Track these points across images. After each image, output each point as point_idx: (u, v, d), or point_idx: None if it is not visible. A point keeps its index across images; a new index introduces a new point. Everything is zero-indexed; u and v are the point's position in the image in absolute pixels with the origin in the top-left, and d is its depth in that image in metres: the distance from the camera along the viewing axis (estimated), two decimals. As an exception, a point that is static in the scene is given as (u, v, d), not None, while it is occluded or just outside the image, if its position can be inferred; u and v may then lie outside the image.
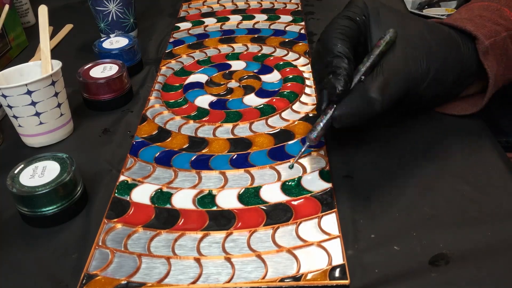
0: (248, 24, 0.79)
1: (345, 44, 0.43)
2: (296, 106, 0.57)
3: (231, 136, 0.53)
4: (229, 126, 0.55)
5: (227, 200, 0.44)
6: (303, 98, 0.58)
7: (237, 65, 0.67)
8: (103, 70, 0.60)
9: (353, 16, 0.45)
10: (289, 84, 0.61)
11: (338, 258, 0.37)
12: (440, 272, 0.36)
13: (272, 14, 0.82)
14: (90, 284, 0.37)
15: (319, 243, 0.39)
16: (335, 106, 0.42)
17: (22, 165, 0.45)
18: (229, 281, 0.37)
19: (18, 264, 0.40)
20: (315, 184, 0.45)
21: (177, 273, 0.38)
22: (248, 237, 0.40)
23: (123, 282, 0.37)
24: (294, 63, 0.66)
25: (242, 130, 0.54)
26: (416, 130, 0.51)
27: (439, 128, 0.50)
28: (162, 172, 0.48)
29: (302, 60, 0.66)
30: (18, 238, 0.43)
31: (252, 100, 0.59)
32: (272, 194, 0.45)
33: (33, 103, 0.51)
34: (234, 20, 0.81)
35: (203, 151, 0.51)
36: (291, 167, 0.46)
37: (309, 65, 0.65)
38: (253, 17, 0.81)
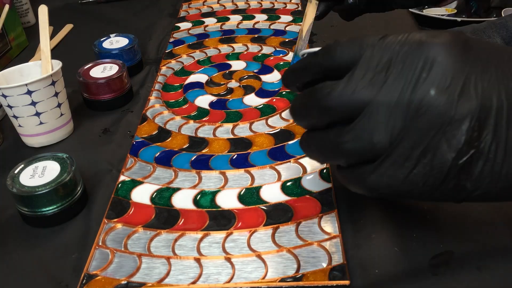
0: (248, 24, 0.79)
1: None
2: (296, 106, 0.57)
3: (231, 136, 0.53)
4: (229, 126, 0.55)
5: (227, 200, 0.44)
6: (303, 98, 0.58)
7: (237, 65, 0.67)
8: (103, 70, 0.60)
9: None
10: (289, 84, 0.61)
11: (338, 258, 0.37)
12: (440, 273, 0.36)
13: (272, 14, 0.82)
14: (90, 284, 0.37)
15: (319, 243, 0.39)
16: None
17: (22, 165, 0.45)
18: (229, 281, 0.37)
19: (18, 264, 0.40)
20: (315, 184, 0.45)
21: (177, 273, 0.38)
22: (248, 237, 0.40)
23: (123, 282, 0.37)
24: (294, 63, 0.66)
25: (242, 130, 0.54)
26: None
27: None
28: (162, 172, 0.48)
29: (302, 60, 0.66)
30: (18, 238, 0.43)
31: (252, 100, 0.59)
32: (272, 194, 0.45)
33: (33, 103, 0.51)
34: (234, 20, 0.81)
35: (203, 151, 0.51)
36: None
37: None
38: (253, 17, 0.81)
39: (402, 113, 0.29)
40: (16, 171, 0.44)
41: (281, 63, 0.66)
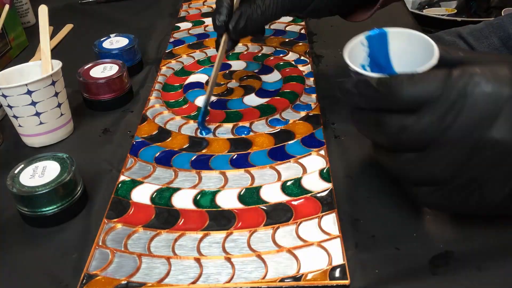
0: (248, 24, 0.79)
1: None
2: (296, 106, 0.57)
3: (231, 136, 0.53)
4: (229, 126, 0.55)
5: (227, 200, 0.44)
6: (303, 98, 0.58)
7: (237, 65, 0.67)
8: (103, 70, 0.60)
9: None
10: (289, 84, 0.61)
11: (338, 258, 0.37)
12: (440, 272, 0.36)
13: (272, 14, 0.82)
14: (90, 284, 0.37)
15: (319, 243, 0.39)
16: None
17: (22, 165, 0.45)
18: (229, 281, 0.37)
19: (18, 264, 0.40)
20: (315, 184, 0.45)
21: (177, 273, 0.38)
22: (248, 237, 0.40)
23: (123, 282, 0.37)
24: (294, 63, 0.66)
25: (242, 130, 0.54)
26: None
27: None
28: (162, 172, 0.48)
29: (302, 60, 0.66)
30: (18, 238, 0.43)
31: (252, 100, 0.59)
32: (272, 194, 0.45)
33: (33, 103, 0.51)
34: (234, 20, 0.81)
35: (203, 151, 0.51)
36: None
37: (309, 65, 0.65)
38: (253, 17, 0.81)
39: (466, 151, 0.31)
40: (16, 171, 0.44)
41: (281, 63, 0.66)
